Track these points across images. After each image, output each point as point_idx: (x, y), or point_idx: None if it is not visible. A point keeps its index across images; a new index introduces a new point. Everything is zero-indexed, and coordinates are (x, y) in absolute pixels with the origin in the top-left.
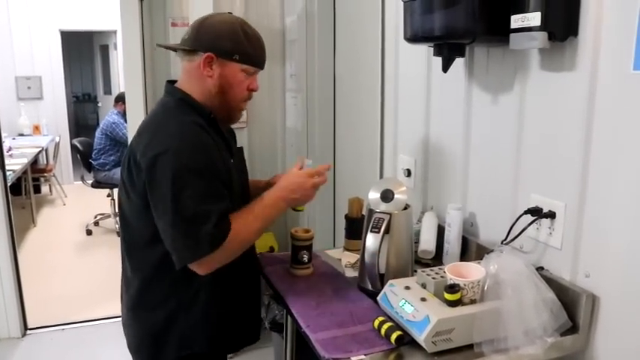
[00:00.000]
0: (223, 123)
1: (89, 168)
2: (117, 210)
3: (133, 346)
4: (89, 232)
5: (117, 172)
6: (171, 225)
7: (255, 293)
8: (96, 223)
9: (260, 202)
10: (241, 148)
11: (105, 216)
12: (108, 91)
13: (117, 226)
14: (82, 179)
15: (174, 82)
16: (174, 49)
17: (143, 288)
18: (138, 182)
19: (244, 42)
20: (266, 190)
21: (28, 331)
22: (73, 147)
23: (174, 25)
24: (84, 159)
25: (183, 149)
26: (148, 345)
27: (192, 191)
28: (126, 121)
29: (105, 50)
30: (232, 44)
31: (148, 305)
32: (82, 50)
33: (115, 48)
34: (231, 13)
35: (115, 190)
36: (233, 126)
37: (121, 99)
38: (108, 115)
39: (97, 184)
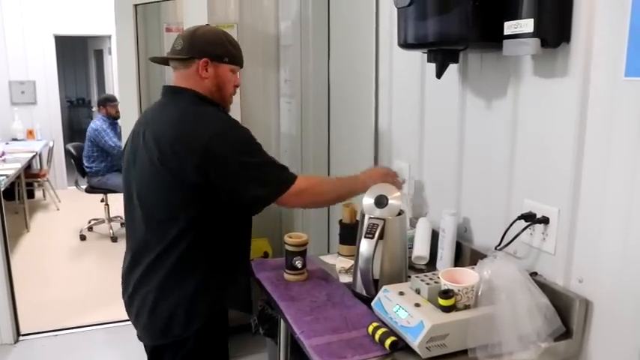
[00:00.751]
0: None
1: (83, 173)
2: (125, 198)
3: (164, 322)
4: (83, 238)
5: (110, 178)
6: (247, 183)
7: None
8: (90, 229)
9: (349, 177)
10: None
11: (99, 221)
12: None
13: (111, 231)
14: (77, 184)
15: (171, 87)
16: (167, 61)
17: (176, 262)
18: (179, 164)
19: (230, 47)
20: None
21: (21, 337)
22: (67, 152)
23: (168, 30)
24: (78, 164)
25: (232, 128)
26: (183, 312)
27: (257, 153)
28: (111, 124)
29: (99, 55)
30: (222, 49)
31: (179, 277)
32: (77, 55)
33: (110, 53)
34: (209, 25)
35: (110, 196)
36: None
37: (103, 102)
38: (92, 121)
39: (92, 190)
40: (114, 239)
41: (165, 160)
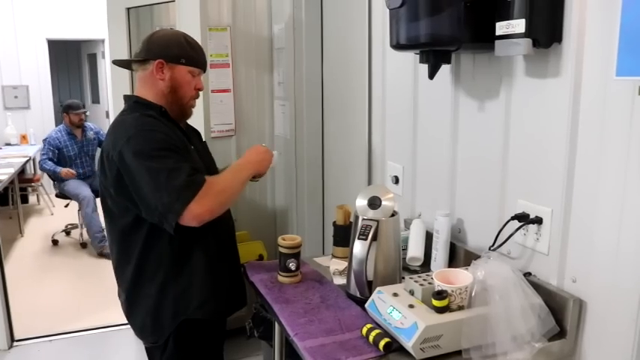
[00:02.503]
0: (178, 119)
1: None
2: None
3: (138, 329)
4: (55, 242)
5: (67, 184)
6: (151, 194)
7: (234, 260)
8: (67, 233)
9: (229, 168)
10: (205, 142)
11: (74, 226)
12: (96, 100)
13: (81, 237)
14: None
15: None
16: (129, 63)
17: (136, 270)
18: (110, 174)
19: (188, 48)
20: None
21: (15, 343)
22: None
23: None
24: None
25: (139, 134)
26: (150, 321)
27: (157, 161)
28: (69, 132)
29: (93, 59)
30: (178, 50)
31: (142, 284)
32: (70, 59)
33: (103, 57)
34: (172, 28)
35: (74, 203)
36: (223, 133)
37: (64, 109)
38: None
39: (61, 195)
40: (83, 245)
41: (100, 172)
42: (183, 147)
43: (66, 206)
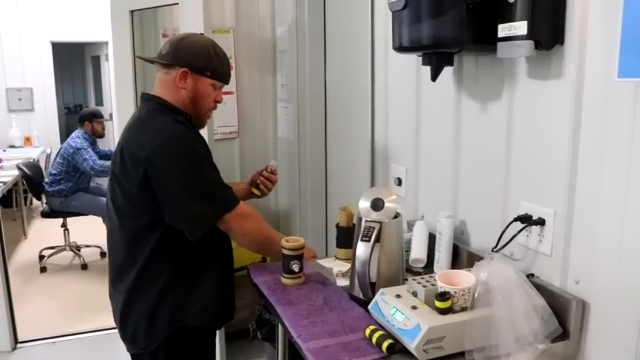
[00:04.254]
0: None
1: (38, 195)
2: (107, 209)
3: (130, 333)
4: (43, 270)
5: (75, 199)
6: (185, 202)
7: (232, 272)
8: (41, 257)
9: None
10: None
11: (59, 249)
12: (100, 102)
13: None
14: (30, 208)
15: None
16: (152, 62)
17: (139, 273)
18: (133, 174)
19: (215, 60)
20: (243, 191)
21: (19, 345)
22: (19, 169)
23: (165, 36)
24: (32, 185)
25: (176, 140)
26: (145, 325)
27: (194, 170)
28: (92, 144)
29: (96, 61)
30: (205, 62)
31: (143, 287)
32: (74, 61)
33: (107, 59)
34: (202, 34)
35: (70, 220)
36: (226, 135)
37: (89, 117)
38: (71, 137)
39: (50, 213)
40: (84, 267)
41: (119, 170)
42: (211, 157)
43: (62, 226)
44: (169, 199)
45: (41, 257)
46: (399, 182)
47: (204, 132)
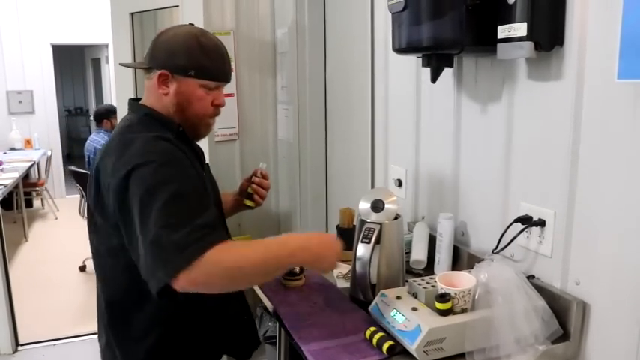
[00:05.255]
0: (191, 138)
1: None
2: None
3: None
4: (82, 269)
5: None
6: (142, 246)
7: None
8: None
9: (275, 238)
10: (208, 165)
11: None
12: (100, 104)
13: None
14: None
15: (138, 99)
16: (134, 68)
17: (123, 319)
18: (107, 206)
19: (199, 56)
20: (233, 202)
21: (20, 347)
22: (73, 173)
23: None
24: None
25: (148, 165)
26: None
27: (160, 205)
28: None
29: (97, 64)
30: (186, 59)
31: (127, 337)
32: (74, 64)
33: (107, 61)
34: (192, 24)
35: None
36: (226, 137)
37: (107, 114)
38: (92, 138)
39: None
40: (82, 268)
41: (90, 196)
42: (199, 181)
43: None
44: (129, 240)
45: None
46: (399, 184)
47: None
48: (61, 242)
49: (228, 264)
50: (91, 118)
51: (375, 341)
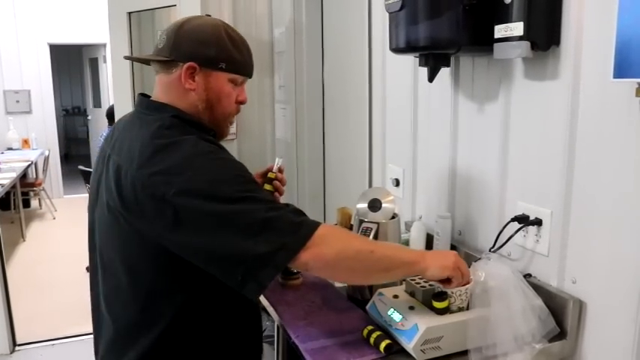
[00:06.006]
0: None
1: None
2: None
3: None
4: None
5: None
6: (238, 245)
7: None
8: None
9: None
10: None
11: None
12: (97, 104)
13: None
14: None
15: (148, 96)
16: (147, 61)
17: (160, 342)
18: (159, 220)
19: (230, 48)
20: None
21: (17, 347)
22: (82, 172)
23: None
24: None
25: (212, 165)
26: None
27: (242, 203)
28: None
29: (94, 63)
30: (217, 51)
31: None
32: (71, 63)
33: (105, 61)
34: (209, 15)
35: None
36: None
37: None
38: (104, 136)
39: None
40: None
41: (127, 209)
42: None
43: None
44: (214, 250)
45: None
46: (397, 183)
47: None
48: (58, 242)
49: (343, 239)
50: (87, 116)
51: (372, 340)
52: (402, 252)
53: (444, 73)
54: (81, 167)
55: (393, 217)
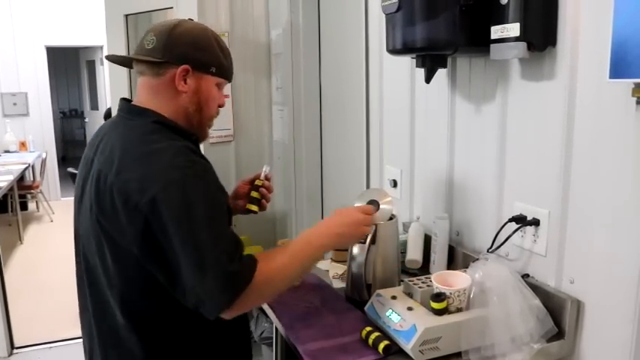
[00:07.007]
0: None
1: None
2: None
3: None
4: None
5: None
6: (191, 271)
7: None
8: None
9: (300, 240)
10: None
11: None
12: (95, 106)
13: None
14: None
15: (129, 100)
16: (128, 63)
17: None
18: (131, 228)
19: (219, 53)
20: (232, 207)
21: (15, 350)
22: (72, 175)
23: None
24: None
25: (187, 181)
26: None
27: (206, 227)
28: None
29: (91, 66)
30: (209, 55)
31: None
32: (69, 66)
33: (102, 63)
34: (191, 19)
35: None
36: (221, 139)
37: None
38: None
39: None
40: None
41: (103, 214)
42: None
43: None
44: (172, 265)
45: None
46: (394, 184)
47: None
48: (56, 245)
49: (276, 283)
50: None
51: (370, 341)
52: (306, 248)
53: (441, 74)
54: (70, 170)
55: (390, 219)
